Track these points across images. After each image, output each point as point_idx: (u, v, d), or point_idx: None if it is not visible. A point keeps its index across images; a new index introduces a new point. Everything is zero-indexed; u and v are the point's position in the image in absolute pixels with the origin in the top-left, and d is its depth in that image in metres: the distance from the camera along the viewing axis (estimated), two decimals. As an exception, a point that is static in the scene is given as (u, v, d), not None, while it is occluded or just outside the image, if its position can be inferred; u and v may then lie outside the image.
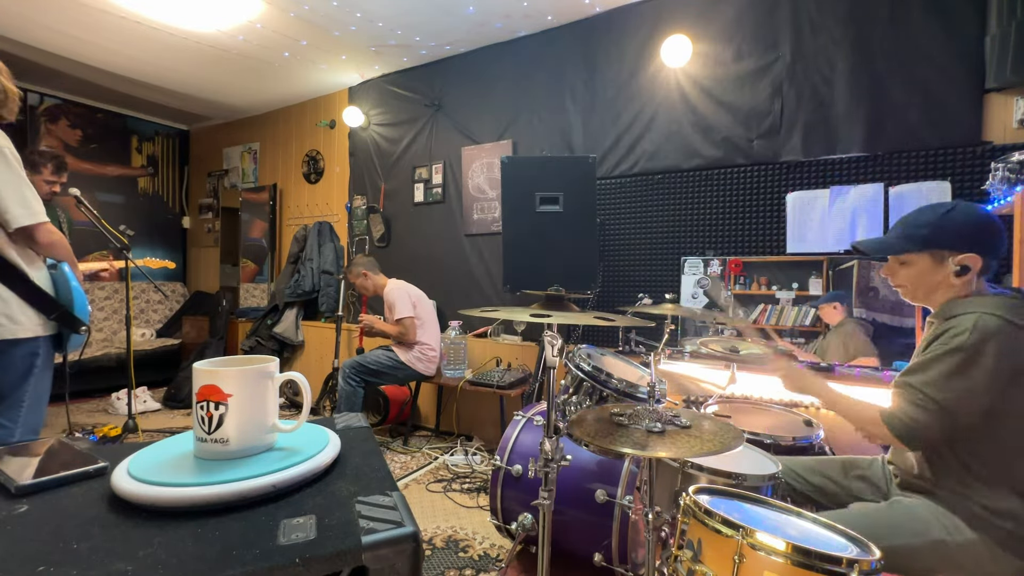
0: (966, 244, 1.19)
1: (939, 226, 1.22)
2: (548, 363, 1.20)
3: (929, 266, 1.24)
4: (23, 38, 3.66)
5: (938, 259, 1.23)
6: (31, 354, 1.62)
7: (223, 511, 0.61)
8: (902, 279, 1.31)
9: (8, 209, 1.53)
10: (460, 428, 3.63)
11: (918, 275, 1.27)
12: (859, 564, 0.82)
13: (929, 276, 1.25)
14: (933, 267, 1.24)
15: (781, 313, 2.67)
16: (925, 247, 1.24)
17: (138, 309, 5.37)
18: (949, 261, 1.21)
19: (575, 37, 3.34)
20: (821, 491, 1.46)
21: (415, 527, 0.59)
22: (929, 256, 1.24)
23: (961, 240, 1.20)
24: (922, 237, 1.24)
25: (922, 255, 1.25)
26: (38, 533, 0.56)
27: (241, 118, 5.42)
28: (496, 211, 3.63)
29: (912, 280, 1.28)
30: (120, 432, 3.21)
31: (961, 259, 1.19)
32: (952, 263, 1.21)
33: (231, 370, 0.70)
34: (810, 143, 2.65)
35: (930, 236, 1.22)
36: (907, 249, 1.26)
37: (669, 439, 1.14)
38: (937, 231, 1.22)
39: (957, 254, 1.20)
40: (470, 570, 1.96)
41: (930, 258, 1.24)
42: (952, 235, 1.20)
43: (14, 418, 1.60)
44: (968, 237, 1.19)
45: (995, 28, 2.19)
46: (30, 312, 1.61)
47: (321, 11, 3.23)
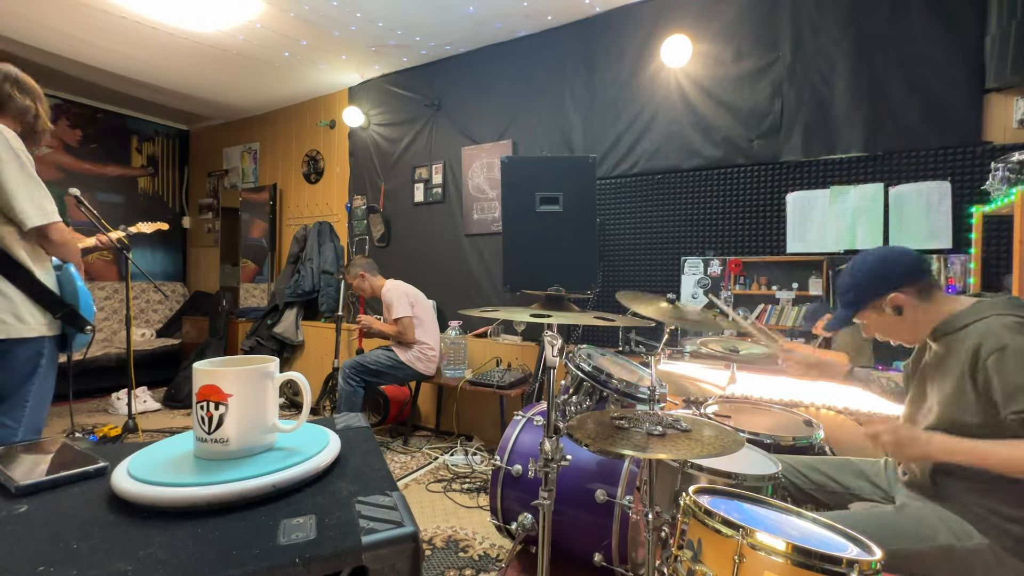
0: (881, 287, 1.26)
1: (853, 285, 1.31)
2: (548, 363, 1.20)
3: (879, 317, 1.30)
4: (23, 38, 3.66)
5: (879, 309, 1.29)
6: (36, 354, 1.63)
7: (223, 511, 0.61)
8: (879, 335, 1.36)
9: (23, 209, 1.55)
10: (460, 428, 3.63)
11: (882, 327, 1.33)
12: (859, 564, 0.82)
13: (888, 323, 1.30)
14: (882, 316, 1.30)
15: (781, 313, 2.67)
16: (861, 307, 1.31)
17: (138, 309, 5.37)
18: (884, 308, 1.27)
19: (575, 37, 3.34)
20: (822, 489, 1.46)
21: (415, 527, 0.59)
22: (871, 311, 1.31)
23: (874, 286, 1.27)
24: (851, 302, 1.32)
25: (865, 313, 1.32)
26: (38, 533, 0.56)
27: (241, 118, 5.42)
28: (496, 211, 3.63)
29: (883, 332, 1.34)
30: (120, 432, 3.21)
31: (889, 301, 1.26)
32: (887, 309, 1.27)
33: (231, 370, 0.70)
34: (810, 143, 2.65)
35: (855, 298, 1.31)
36: (853, 316, 1.34)
37: (669, 442, 1.14)
38: (855, 290, 1.31)
39: (883, 298, 1.26)
40: (470, 570, 1.96)
41: (873, 312, 1.30)
42: (867, 287, 1.29)
43: (17, 418, 1.60)
44: (879, 281, 1.27)
45: (995, 28, 2.19)
46: (36, 312, 1.62)
47: (321, 11, 3.23)
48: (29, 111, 1.68)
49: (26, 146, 1.68)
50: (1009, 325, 1.10)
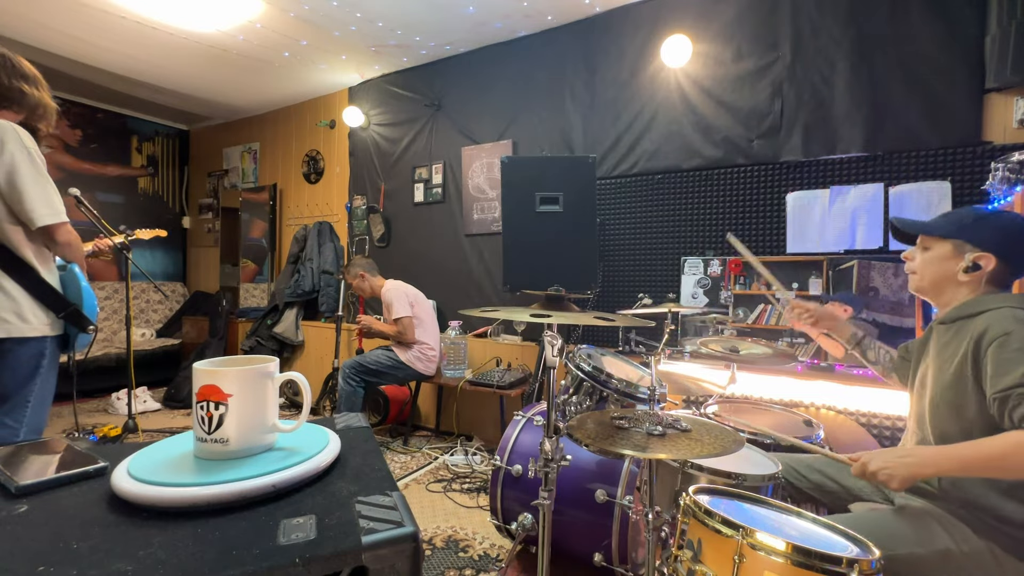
0: (989, 244, 1.18)
1: (975, 221, 1.21)
2: (548, 363, 1.20)
3: (946, 255, 1.23)
4: (23, 38, 3.66)
5: (958, 251, 1.22)
6: (38, 354, 1.62)
7: (223, 511, 0.61)
8: (917, 264, 1.30)
9: (34, 208, 1.55)
10: (460, 428, 3.63)
11: (932, 262, 1.25)
12: (859, 564, 0.82)
13: (941, 266, 1.24)
14: (949, 257, 1.22)
15: (781, 313, 2.67)
16: (951, 235, 1.23)
17: (138, 309, 5.37)
18: (966, 256, 1.20)
19: (575, 37, 3.34)
20: (821, 489, 1.46)
21: (415, 527, 0.59)
22: (951, 246, 1.23)
23: (987, 240, 1.19)
24: (955, 227, 1.23)
25: (945, 242, 1.24)
26: (38, 533, 0.56)
27: (241, 118, 5.43)
28: (496, 211, 3.63)
29: (924, 267, 1.27)
30: (120, 432, 3.21)
31: (976, 256, 1.19)
32: (967, 258, 1.20)
33: (231, 370, 0.70)
34: (810, 143, 2.65)
35: (961, 227, 1.22)
36: (936, 232, 1.25)
37: (669, 442, 1.14)
38: (970, 225, 1.21)
39: (976, 250, 1.19)
40: (470, 570, 1.96)
41: (952, 248, 1.23)
42: (982, 232, 1.19)
43: (19, 418, 1.60)
44: (995, 239, 1.19)
45: (995, 28, 2.19)
46: (39, 311, 1.61)
47: (321, 11, 3.23)
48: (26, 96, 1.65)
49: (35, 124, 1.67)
50: (1021, 317, 1.09)
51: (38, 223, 1.56)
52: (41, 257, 1.64)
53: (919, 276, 1.29)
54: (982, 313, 1.15)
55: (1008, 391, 1.02)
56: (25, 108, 1.65)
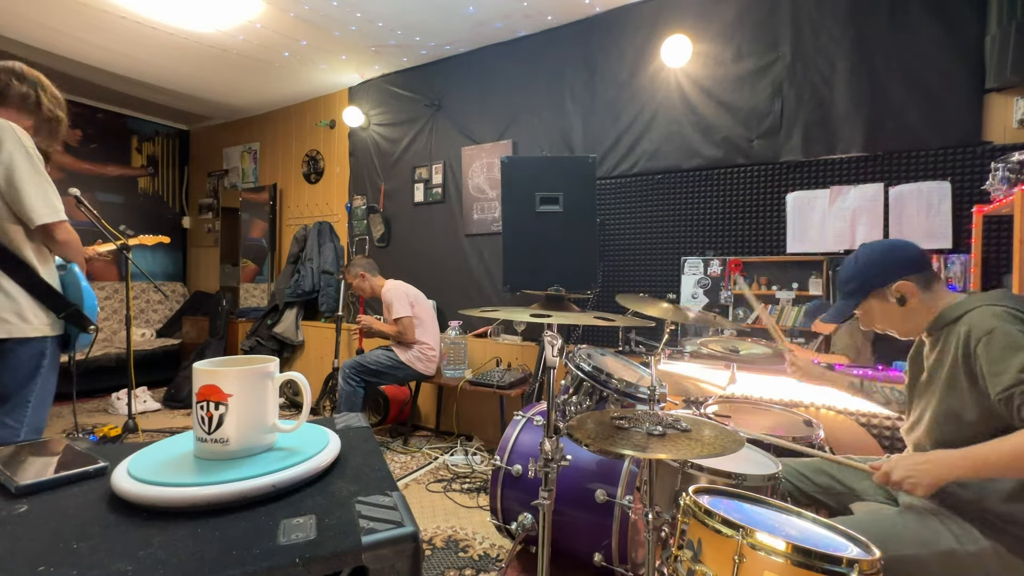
0: (887, 275, 1.27)
1: (858, 274, 1.32)
2: (548, 363, 1.20)
3: (882, 307, 1.31)
4: (23, 38, 3.66)
5: (881, 298, 1.30)
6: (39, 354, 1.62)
7: (223, 511, 0.61)
8: (877, 326, 1.36)
9: (32, 207, 1.55)
10: (460, 428, 3.63)
11: (883, 317, 1.33)
12: (859, 564, 0.82)
13: (889, 314, 1.31)
14: (884, 306, 1.30)
15: (781, 313, 2.67)
16: (863, 296, 1.32)
17: (138, 309, 5.37)
18: (888, 297, 1.28)
19: (575, 37, 3.34)
20: (827, 492, 1.46)
21: (415, 527, 0.59)
22: (874, 299, 1.31)
23: (882, 274, 1.28)
24: (854, 290, 1.33)
25: (868, 302, 1.32)
26: (38, 533, 0.56)
27: (241, 118, 5.43)
28: (496, 211, 3.63)
29: (882, 323, 1.35)
30: (120, 432, 3.21)
31: (895, 289, 1.27)
32: (891, 297, 1.28)
33: (231, 370, 0.70)
34: (810, 143, 2.65)
35: (858, 287, 1.32)
36: (854, 306, 1.35)
37: (669, 442, 1.14)
38: (859, 279, 1.31)
39: (889, 286, 1.27)
40: (470, 570, 1.96)
41: (876, 300, 1.31)
42: (871, 275, 1.29)
43: (20, 418, 1.60)
44: (884, 269, 1.28)
45: (995, 28, 2.19)
46: (40, 312, 1.61)
47: (321, 11, 3.23)
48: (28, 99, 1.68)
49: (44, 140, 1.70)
50: (998, 313, 1.11)
51: (37, 222, 1.56)
52: (41, 257, 1.64)
53: (893, 330, 1.35)
54: (961, 316, 1.17)
55: (1010, 390, 1.03)
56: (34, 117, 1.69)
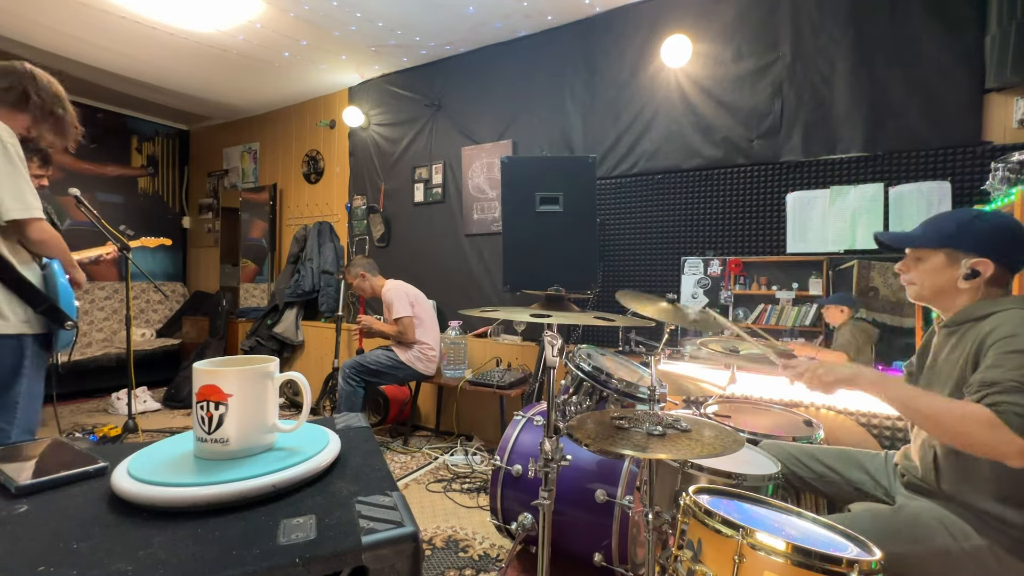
0: (983, 249, 1.17)
1: (962, 227, 1.20)
2: (548, 363, 1.20)
3: (942, 264, 1.22)
4: (23, 38, 3.66)
5: (952, 259, 1.21)
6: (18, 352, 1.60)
7: (223, 511, 0.61)
8: (913, 275, 1.29)
9: (2, 201, 1.53)
10: (460, 428, 3.63)
11: (929, 272, 1.24)
12: (859, 564, 0.82)
13: (939, 275, 1.23)
14: (945, 266, 1.21)
15: (781, 313, 2.67)
16: (943, 244, 1.22)
17: (138, 309, 5.37)
18: (962, 263, 1.19)
19: (575, 37, 3.34)
20: (822, 479, 1.47)
21: (415, 527, 0.59)
22: (944, 255, 1.22)
23: (979, 244, 1.18)
24: (943, 235, 1.22)
25: (938, 252, 1.23)
26: (38, 533, 0.56)
27: (241, 118, 5.42)
28: (496, 211, 3.63)
29: (922, 278, 1.26)
30: (120, 432, 3.21)
31: (974, 263, 1.17)
32: (964, 266, 1.18)
33: (231, 370, 0.70)
34: (810, 143, 2.65)
35: (951, 235, 1.21)
36: (925, 244, 1.25)
37: (669, 442, 1.14)
38: (959, 231, 1.20)
39: (972, 257, 1.18)
40: (470, 570, 1.96)
41: (945, 257, 1.22)
42: (972, 238, 1.19)
43: (9, 419, 1.59)
44: (987, 243, 1.18)
45: (995, 28, 2.19)
46: (17, 307, 1.59)
47: (321, 11, 3.23)
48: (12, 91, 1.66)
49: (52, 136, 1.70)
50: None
51: (5, 216, 1.54)
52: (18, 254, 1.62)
53: (919, 286, 1.28)
54: (990, 315, 1.13)
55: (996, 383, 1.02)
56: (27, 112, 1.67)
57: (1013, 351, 1.04)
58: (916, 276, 1.28)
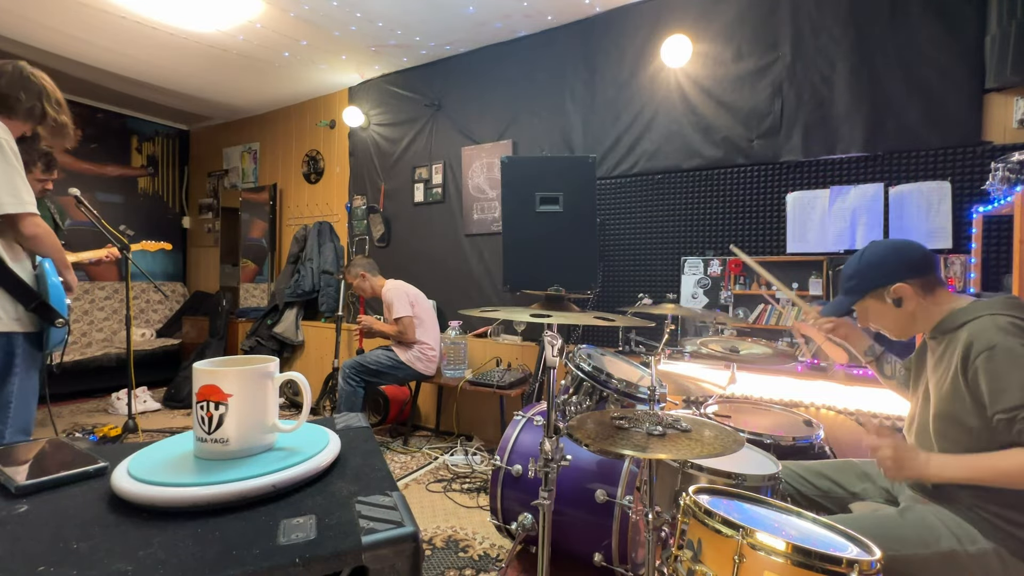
0: (888, 276, 1.26)
1: (859, 272, 1.31)
2: (548, 363, 1.20)
3: (879, 307, 1.30)
4: (23, 38, 3.66)
5: (879, 298, 1.29)
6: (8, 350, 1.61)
7: (223, 511, 0.61)
8: (872, 325, 1.36)
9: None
10: (460, 428, 3.63)
11: (878, 317, 1.33)
12: (859, 564, 0.82)
13: (886, 316, 1.30)
14: (882, 306, 1.29)
15: (781, 313, 2.67)
16: (861, 294, 1.31)
17: (138, 309, 5.37)
18: (886, 299, 1.27)
19: (575, 37, 3.34)
20: (827, 495, 1.45)
21: (415, 527, 0.59)
22: (872, 299, 1.30)
23: (880, 275, 1.27)
24: (853, 288, 1.32)
25: (865, 301, 1.32)
26: (38, 533, 0.56)
27: (241, 118, 5.43)
28: (496, 211, 3.63)
29: (880, 323, 1.34)
30: (120, 432, 3.21)
31: (892, 291, 1.25)
32: (888, 300, 1.26)
33: (231, 370, 0.70)
34: (810, 143, 2.65)
35: (857, 284, 1.31)
36: (852, 303, 1.34)
37: (669, 442, 1.14)
38: (860, 277, 1.30)
39: (888, 287, 1.26)
40: (470, 570, 1.96)
41: (873, 300, 1.30)
42: (872, 275, 1.28)
43: (2, 419, 1.59)
44: (884, 270, 1.26)
45: (995, 28, 2.19)
46: (8, 305, 1.59)
47: (321, 11, 3.23)
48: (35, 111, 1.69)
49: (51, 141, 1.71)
50: (1002, 325, 1.10)
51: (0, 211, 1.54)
52: (10, 250, 1.62)
53: (887, 330, 1.34)
54: (964, 325, 1.17)
55: (1014, 412, 1.03)
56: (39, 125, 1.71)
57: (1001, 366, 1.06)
58: (876, 325, 1.35)
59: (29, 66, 1.72)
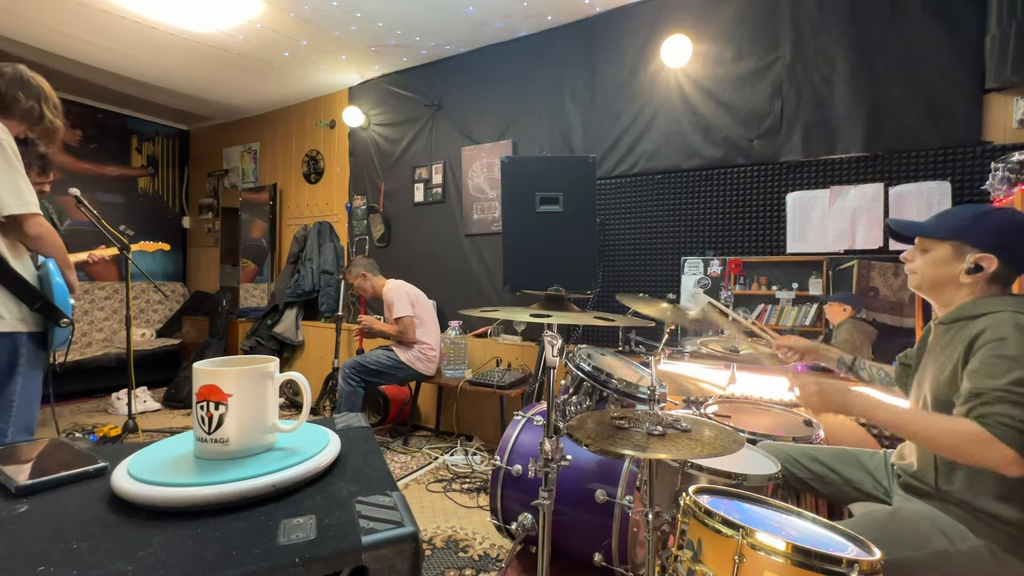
0: (990, 245, 1.17)
1: (972, 221, 1.20)
2: (548, 363, 1.20)
3: (946, 256, 1.22)
4: (23, 38, 3.66)
5: (958, 253, 1.20)
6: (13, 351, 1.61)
7: (223, 511, 0.61)
8: (917, 265, 1.29)
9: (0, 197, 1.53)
10: (460, 428, 3.63)
11: (932, 264, 1.24)
12: (859, 564, 0.82)
13: (942, 267, 1.22)
14: (950, 259, 1.21)
15: (781, 313, 2.67)
16: (951, 237, 1.21)
17: (138, 309, 5.37)
18: (967, 257, 1.18)
19: (575, 37, 3.34)
20: (822, 480, 1.47)
21: (415, 527, 0.59)
22: (951, 247, 1.21)
23: (987, 239, 1.18)
24: (952, 227, 1.22)
25: (944, 244, 1.22)
26: (38, 533, 0.56)
27: (241, 118, 5.42)
28: (496, 211, 3.63)
29: (924, 268, 1.26)
30: (120, 432, 3.21)
31: (978, 258, 1.17)
32: (968, 260, 1.18)
33: (231, 370, 0.70)
34: (810, 143, 2.65)
35: (960, 228, 1.21)
36: (934, 234, 1.24)
37: (669, 442, 1.14)
38: (968, 225, 1.20)
39: (977, 252, 1.18)
40: (470, 570, 1.96)
41: (951, 249, 1.21)
42: (981, 232, 1.18)
43: (5, 418, 1.59)
44: (995, 238, 1.17)
45: (995, 28, 2.19)
46: (11, 305, 1.59)
47: (321, 11, 3.23)
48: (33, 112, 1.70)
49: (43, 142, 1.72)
50: (1020, 323, 1.08)
51: (4, 211, 1.54)
52: (14, 250, 1.62)
53: (919, 276, 1.28)
54: (983, 316, 1.14)
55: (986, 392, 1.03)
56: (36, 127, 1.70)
57: (1000, 356, 1.05)
58: (919, 266, 1.28)
59: (28, 70, 1.73)
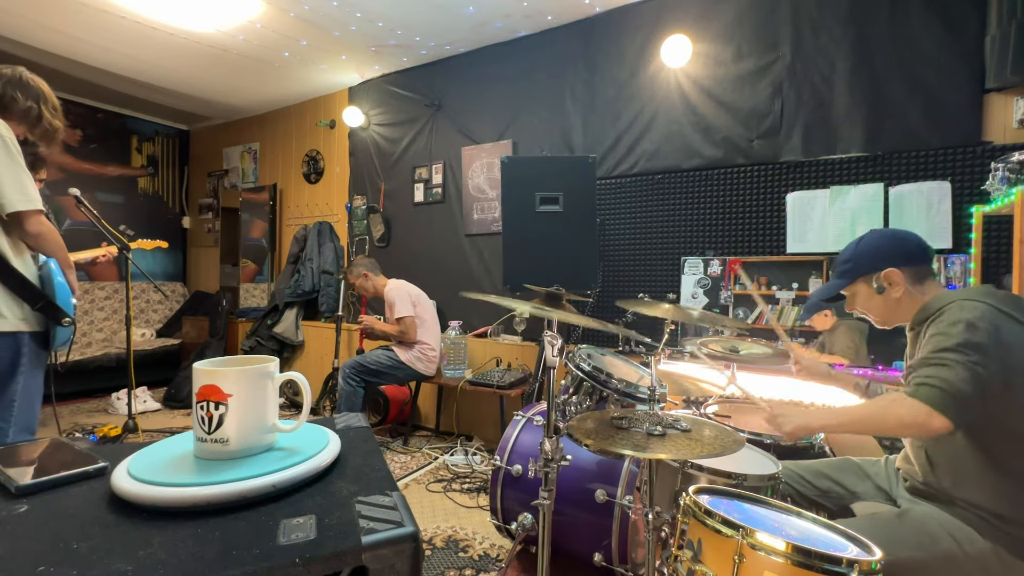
0: (880, 263, 1.30)
1: (854, 256, 1.35)
2: (548, 363, 1.20)
3: (867, 291, 1.34)
4: (23, 38, 3.66)
5: (869, 283, 1.33)
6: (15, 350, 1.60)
7: (223, 511, 0.61)
8: (860, 310, 1.39)
9: (4, 194, 1.53)
10: (460, 428, 3.63)
11: (865, 302, 1.36)
12: (859, 564, 0.82)
13: (873, 301, 1.34)
14: (870, 291, 1.33)
15: (781, 313, 2.67)
16: (853, 278, 1.35)
17: (138, 309, 5.37)
18: (873, 284, 1.31)
19: (575, 37, 3.34)
20: (826, 495, 1.45)
21: (415, 527, 0.59)
22: (862, 283, 1.34)
23: (874, 260, 1.31)
24: (846, 271, 1.36)
25: (855, 285, 1.36)
26: (38, 533, 0.56)
27: (241, 118, 5.42)
28: (496, 211, 3.63)
29: (865, 308, 1.37)
30: (120, 432, 3.21)
31: (882, 276, 1.29)
32: (874, 286, 1.31)
33: (231, 370, 0.70)
34: (810, 143, 2.65)
35: (851, 268, 1.35)
36: (842, 286, 1.38)
37: (669, 442, 1.14)
38: (854, 261, 1.35)
39: (877, 273, 1.30)
40: (470, 570, 1.96)
41: (864, 284, 1.34)
42: (866, 259, 1.32)
43: (7, 417, 1.59)
44: (879, 256, 1.31)
45: (995, 28, 2.19)
46: (13, 305, 1.59)
47: (321, 11, 3.23)
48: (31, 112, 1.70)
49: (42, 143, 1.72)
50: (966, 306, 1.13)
51: (8, 208, 1.54)
52: (16, 249, 1.62)
53: (873, 315, 1.38)
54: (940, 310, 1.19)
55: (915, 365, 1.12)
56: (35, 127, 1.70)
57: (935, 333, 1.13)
58: (862, 310, 1.39)
59: (28, 72, 1.73)
